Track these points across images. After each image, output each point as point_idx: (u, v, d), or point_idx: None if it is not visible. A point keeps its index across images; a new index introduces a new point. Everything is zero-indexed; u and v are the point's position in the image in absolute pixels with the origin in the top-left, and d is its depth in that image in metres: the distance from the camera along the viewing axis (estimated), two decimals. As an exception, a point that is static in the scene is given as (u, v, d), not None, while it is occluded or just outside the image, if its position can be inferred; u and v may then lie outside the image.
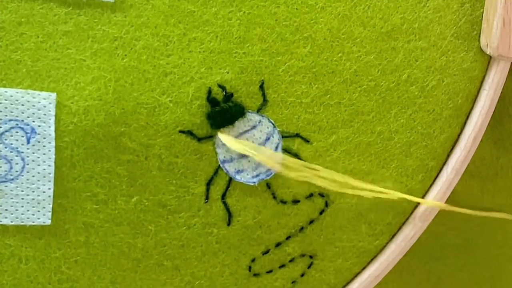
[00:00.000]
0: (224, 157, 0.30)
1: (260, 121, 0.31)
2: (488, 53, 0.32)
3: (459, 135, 0.34)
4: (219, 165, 0.31)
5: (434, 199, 0.34)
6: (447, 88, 0.33)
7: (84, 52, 0.28)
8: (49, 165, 0.29)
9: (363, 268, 0.35)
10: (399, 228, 0.34)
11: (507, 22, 0.32)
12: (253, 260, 0.33)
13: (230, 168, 0.31)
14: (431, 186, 0.34)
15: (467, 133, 0.34)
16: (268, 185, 0.32)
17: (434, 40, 0.32)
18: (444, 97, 0.33)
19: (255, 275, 0.33)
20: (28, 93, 0.28)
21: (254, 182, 0.31)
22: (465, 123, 0.34)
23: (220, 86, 0.30)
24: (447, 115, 0.33)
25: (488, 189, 0.38)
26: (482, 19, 0.33)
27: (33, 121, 0.28)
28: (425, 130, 0.33)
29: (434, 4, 0.32)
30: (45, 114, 0.28)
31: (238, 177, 0.31)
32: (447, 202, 0.34)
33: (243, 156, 0.31)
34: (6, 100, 0.28)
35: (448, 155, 0.34)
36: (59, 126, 0.29)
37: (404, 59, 0.32)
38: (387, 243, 0.35)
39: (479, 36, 0.33)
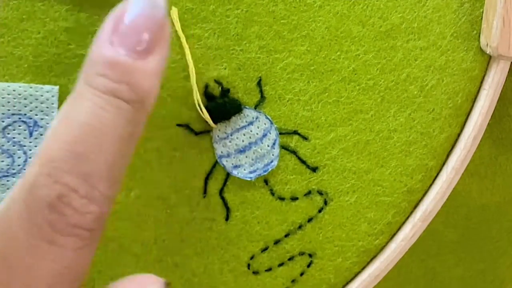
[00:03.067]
0: (221, 152, 0.31)
1: (257, 117, 0.31)
2: (488, 52, 0.32)
3: (459, 135, 0.34)
4: (217, 160, 0.31)
5: (434, 199, 0.34)
6: (447, 88, 0.33)
7: (84, 48, 0.29)
8: (50, 159, 0.29)
9: (363, 268, 0.35)
10: (399, 228, 0.34)
11: (507, 22, 0.32)
12: (252, 258, 0.33)
13: (227, 163, 0.31)
14: (431, 185, 0.34)
15: (467, 132, 0.34)
16: (266, 181, 0.32)
17: (433, 39, 0.32)
18: (444, 97, 0.33)
19: (254, 273, 0.33)
20: (31, 87, 0.29)
21: (251, 178, 0.31)
22: (465, 122, 0.34)
23: (216, 81, 0.30)
24: (447, 115, 0.33)
25: (486, 188, 0.38)
26: (481, 19, 0.33)
27: (36, 115, 0.29)
28: (425, 130, 0.33)
29: (433, 4, 0.32)
30: (48, 107, 0.29)
31: (235, 172, 0.31)
32: (447, 201, 0.34)
33: (240, 151, 0.31)
34: (9, 94, 0.29)
35: (448, 155, 0.34)
36: (59, 119, 0.29)
37: (403, 58, 0.32)
38: (387, 242, 0.35)
39: (479, 36, 0.33)
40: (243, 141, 0.31)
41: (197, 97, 0.29)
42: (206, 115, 0.30)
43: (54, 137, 0.23)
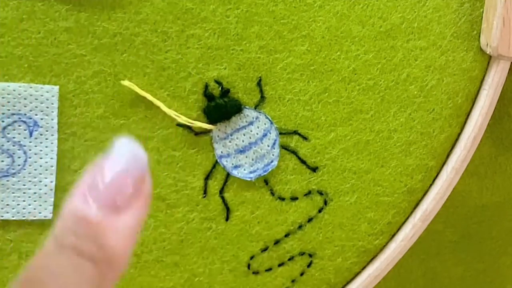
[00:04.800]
0: (221, 152, 0.31)
1: (257, 118, 0.31)
2: (488, 52, 0.32)
3: (459, 135, 0.34)
4: (217, 160, 0.31)
5: (434, 199, 0.34)
6: (447, 88, 0.33)
7: (84, 48, 0.29)
8: (51, 158, 0.29)
9: (363, 268, 0.35)
10: (399, 228, 0.34)
11: (507, 22, 0.32)
12: (252, 258, 0.33)
13: (227, 163, 0.31)
14: (431, 185, 0.34)
15: (467, 132, 0.34)
16: (266, 181, 0.32)
17: (433, 39, 0.32)
18: (444, 97, 0.33)
19: (254, 273, 0.33)
20: (31, 87, 0.29)
21: (251, 178, 0.31)
22: (465, 122, 0.34)
23: (216, 81, 0.30)
24: (447, 115, 0.33)
25: (486, 187, 0.38)
26: (482, 18, 0.33)
27: (36, 114, 0.29)
28: (425, 130, 0.33)
29: (433, 4, 0.32)
30: (48, 107, 0.29)
31: (235, 172, 0.31)
32: (447, 201, 0.34)
33: (240, 151, 0.31)
34: (9, 94, 0.29)
35: (448, 155, 0.34)
36: (60, 118, 0.29)
37: (403, 58, 0.32)
38: (387, 242, 0.35)
39: (479, 36, 0.33)
40: (243, 141, 0.31)
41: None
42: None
43: None
